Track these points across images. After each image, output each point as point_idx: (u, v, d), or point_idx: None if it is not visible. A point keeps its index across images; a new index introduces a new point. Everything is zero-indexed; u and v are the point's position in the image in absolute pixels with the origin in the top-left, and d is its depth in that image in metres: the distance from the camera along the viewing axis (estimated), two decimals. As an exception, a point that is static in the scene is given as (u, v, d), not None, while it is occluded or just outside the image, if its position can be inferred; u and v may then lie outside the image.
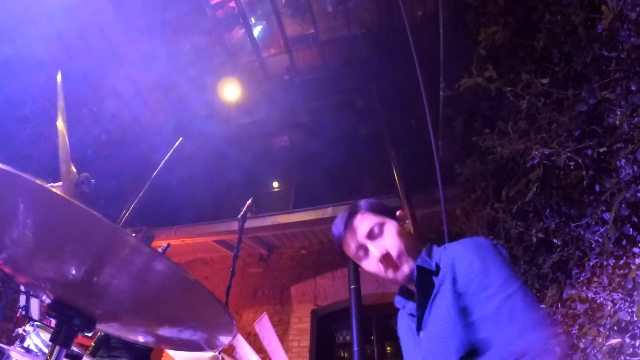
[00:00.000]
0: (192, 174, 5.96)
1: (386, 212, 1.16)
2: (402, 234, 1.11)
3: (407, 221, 1.19)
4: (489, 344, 0.90)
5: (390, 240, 1.09)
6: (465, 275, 0.96)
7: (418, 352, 1.08)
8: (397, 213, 1.18)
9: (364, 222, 1.12)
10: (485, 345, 0.91)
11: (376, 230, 1.11)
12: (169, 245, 2.11)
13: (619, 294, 1.92)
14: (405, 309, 1.19)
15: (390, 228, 1.11)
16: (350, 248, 1.14)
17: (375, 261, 1.10)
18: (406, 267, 1.08)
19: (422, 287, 1.06)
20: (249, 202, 2.35)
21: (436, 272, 1.05)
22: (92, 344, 2.42)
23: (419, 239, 1.15)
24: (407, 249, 1.09)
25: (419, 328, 1.08)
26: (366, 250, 1.12)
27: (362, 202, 1.18)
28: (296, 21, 6.26)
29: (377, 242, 1.10)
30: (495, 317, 0.90)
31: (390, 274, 1.09)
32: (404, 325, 1.23)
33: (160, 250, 2.12)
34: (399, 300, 1.24)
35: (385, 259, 1.08)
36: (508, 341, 0.87)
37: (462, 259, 0.99)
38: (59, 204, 0.51)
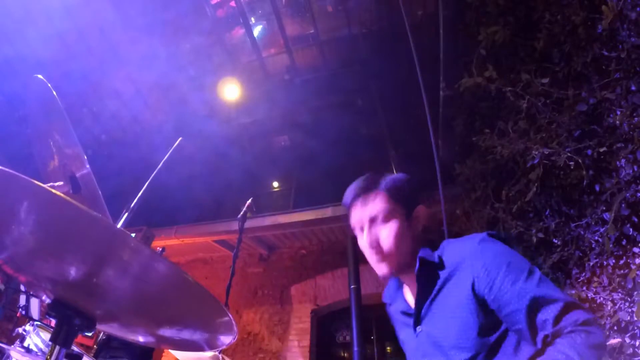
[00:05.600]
0: (192, 174, 5.96)
1: (404, 201, 1.08)
2: (405, 233, 1.05)
3: (422, 220, 1.11)
4: (525, 334, 0.89)
5: (387, 234, 1.04)
6: (487, 274, 0.93)
7: (415, 346, 1.05)
8: (415, 210, 1.09)
9: (373, 205, 1.06)
10: (523, 334, 0.90)
11: (380, 217, 1.05)
12: (163, 249, 2.10)
13: (619, 294, 1.92)
14: (393, 305, 1.15)
15: (394, 224, 1.04)
16: (351, 219, 1.11)
17: (364, 244, 1.07)
18: (387, 267, 1.04)
19: (423, 280, 1.02)
20: (249, 202, 2.35)
21: (439, 265, 1.02)
22: (94, 345, 2.42)
23: (420, 241, 1.08)
24: (402, 250, 1.04)
25: (417, 323, 1.04)
26: (362, 230, 1.08)
27: (386, 181, 1.09)
28: (296, 21, 6.26)
29: (374, 229, 1.05)
30: (531, 307, 0.88)
31: (372, 262, 1.07)
32: (396, 320, 1.19)
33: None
34: (387, 296, 1.20)
35: (373, 247, 1.04)
36: (549, 322, 0.86)
37: (480, 258, 0.95)
38: (59, 204, 0.51)
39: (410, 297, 1.12)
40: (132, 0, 5.31)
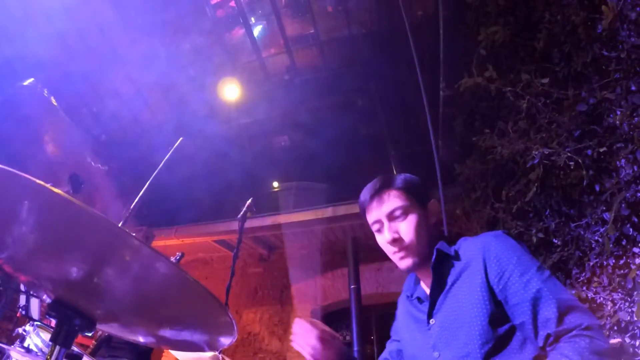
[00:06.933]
0: (192, 174, 5.95)
1: (419, 196, 1.13)
2: (423, 226, 1.09)
3: (435, 214, 1.16)
4: (528, 328, 0.91)
5: (407, 227, 1.08)
6: (498, 264, 0.97)
7: (426, 339, 1.06)
8: (429, 204, 1.15)
9: (390, 201, 1.11)
10: (523, 329, 0.92)
11: (398, 213, 1.09)
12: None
13: (619, 294, 1.92)
14: (414, 295, 1.17)
15: (413, 217, 1.09)
16: (369, 218, 1.15)
17: (384, 241, 1.10)
18: (411, 259, 1.07)
19: (439, 271, 1.06)
20: (249, 202, 2.35)
21: (455, 257, 1.06)
22: (94, 342, 2.42)
23: (436, 234, 1.13)
24: (422, 242, 1.08)
25: (430, 315, 1.06)
26: (381, 227, 1.12)
27: (399, 179, 1.15)
28: (296, 21, 6.26)
29: (394, 224, 1.09)
30: (536, 300, 0.90)
31: (395, 258, 1.10)
32: (406, 312, 1.21)
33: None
34: (406, 288, 1.23)
35: (395, 243, 1.07)
36: (552, 321, 0.88)
37: (493, 249, 1.00)
38: (60, 203, 0.51)
39: (427, 289, 1.14)
40: (132, 0, 5.31)
